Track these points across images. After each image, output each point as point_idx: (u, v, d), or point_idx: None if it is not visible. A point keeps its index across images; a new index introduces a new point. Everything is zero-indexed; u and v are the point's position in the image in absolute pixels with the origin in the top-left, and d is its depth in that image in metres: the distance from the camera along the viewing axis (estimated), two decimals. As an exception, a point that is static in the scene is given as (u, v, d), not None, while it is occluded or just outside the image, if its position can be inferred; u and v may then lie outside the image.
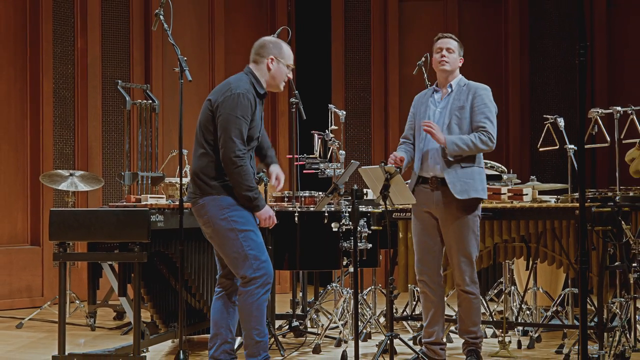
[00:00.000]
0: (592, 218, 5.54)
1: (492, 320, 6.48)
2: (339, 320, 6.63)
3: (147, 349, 6.00)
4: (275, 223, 5.11)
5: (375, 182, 5.34)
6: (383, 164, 5.27)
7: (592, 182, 9.87)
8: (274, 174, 5.22)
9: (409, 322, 7.00)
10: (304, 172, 6.98)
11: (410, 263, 6.09)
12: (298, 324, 6.78)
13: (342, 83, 10.55)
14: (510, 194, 6.18)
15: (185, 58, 5.75)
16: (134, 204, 5.93)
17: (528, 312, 6.76)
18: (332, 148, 6.87)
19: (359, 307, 6.28)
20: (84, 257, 6.66)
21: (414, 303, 6.82)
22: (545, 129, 6.52)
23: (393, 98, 10.50)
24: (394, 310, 6.40)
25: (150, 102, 7.76)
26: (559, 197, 6.23)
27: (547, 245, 5.84)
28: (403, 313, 7.06)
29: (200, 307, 6.24)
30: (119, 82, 7.79)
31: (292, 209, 6.54)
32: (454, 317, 6.26)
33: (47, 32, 9.07)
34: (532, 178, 6.57)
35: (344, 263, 6.49)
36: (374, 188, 5.41)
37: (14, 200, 8.97)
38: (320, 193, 6.82)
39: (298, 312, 7.13)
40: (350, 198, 5.40)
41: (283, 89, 5.26)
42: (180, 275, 5.66)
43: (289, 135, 8.96)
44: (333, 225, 6.42)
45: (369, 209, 6.58)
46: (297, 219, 6.46)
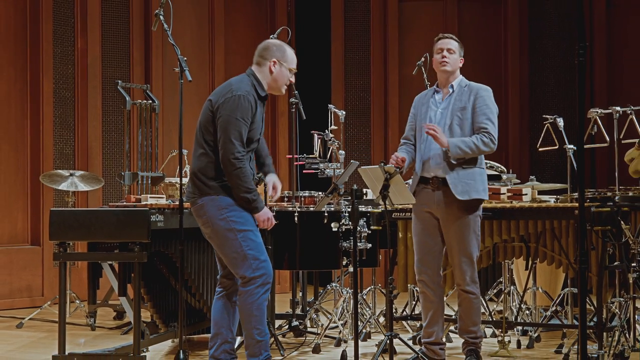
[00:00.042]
0: (591, 218, 5.54)
1: (491, 320, 6.48)
2: (339, 320, 6.63)
3: (147, 349, 6.00)
4: (274, 224, 5.12)
5: (375, 182, 5.34)
6: (382, 164, 5.27)
7: (591, 182, 9.86)
8: (271, 184, 5.23)
9: (409, 321, 7.01)
10: (304, 172, 6.98)
11: (410, 263, 6.09)
12: (298, 324, 6.78)
13: (341, 83, 10.55)
14: (510, 194, 6.19)
15: (185, 58, 5.76)
16: (134, 204, 5.93)
17: (527, 311, 6.77)
18: (331, 148, 6.87)
19: (359, 306, 6.28)
20: (84, 257, 6.67)
21: (414, 303, 6.82)
22: (545, 129, 6.53)
23: (393, 98, 10.50)
24: (394, 310, 6.40)
25: (150, 102, 7.76)
26: (559, 197, 6.23)
27: (546, 245, 5.84)
28: (403, 313, 7.07)
29: (200, 306, 6.25)
30: (119, 82, 7.79)
31: (291, 209, 6.55)
32: (454, 316, 6.26)
33: (47, 32, 9.07)
34: (531, 178, 6.58)
35: (344, 263, 6.49)
36: (374, 188, 5.41)
37: (14, 200, 8.98)
38: (320, 193, 6.82)
39: (298, 311, 7.13)
40: (350, 198, 5.39)
41: (284, 92, 5.26)
42: (180, 275, 5.66)
43: (289, 135, 8.95)
44: (333, 225, 6.42)
45: (369, 209, 6.59)
46: (296, 219, 6.47)
